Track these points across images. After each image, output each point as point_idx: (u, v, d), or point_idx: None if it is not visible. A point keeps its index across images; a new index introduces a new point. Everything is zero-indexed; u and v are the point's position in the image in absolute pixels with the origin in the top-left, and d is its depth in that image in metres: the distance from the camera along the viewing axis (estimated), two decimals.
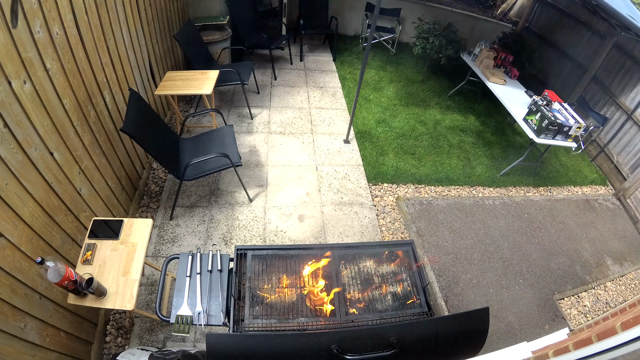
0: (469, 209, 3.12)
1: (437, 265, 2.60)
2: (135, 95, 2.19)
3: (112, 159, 2.18)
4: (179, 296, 1.43)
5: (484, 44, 4.27)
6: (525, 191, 3.52)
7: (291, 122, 3.67)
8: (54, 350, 1.50)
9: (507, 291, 2.57)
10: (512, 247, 2.88)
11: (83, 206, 1.84)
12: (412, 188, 3.24)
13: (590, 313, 2.61)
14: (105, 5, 2.03)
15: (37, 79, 1.44)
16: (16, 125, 1.32)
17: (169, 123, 3.35)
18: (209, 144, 2.60)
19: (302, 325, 1.36)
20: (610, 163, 3.99)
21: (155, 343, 1.95)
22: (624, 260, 3.06)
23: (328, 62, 4.90)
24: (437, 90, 4.70)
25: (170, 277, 1.96)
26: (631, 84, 3.79)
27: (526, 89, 3.92)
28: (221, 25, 3.91)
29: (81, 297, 1.48)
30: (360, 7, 5.34)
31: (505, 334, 2.33)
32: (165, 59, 3.26)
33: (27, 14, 1.35)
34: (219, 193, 2.82)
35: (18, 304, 1.31)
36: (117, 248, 1.65)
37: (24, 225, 1.38)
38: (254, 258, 1.51)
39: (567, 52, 4.69)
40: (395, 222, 2.88)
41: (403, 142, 3.70)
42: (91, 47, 1.89)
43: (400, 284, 1.53)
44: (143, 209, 2.62)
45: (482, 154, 3.78)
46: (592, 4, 3.58)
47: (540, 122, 3.16)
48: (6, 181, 1.28)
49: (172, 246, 2.41)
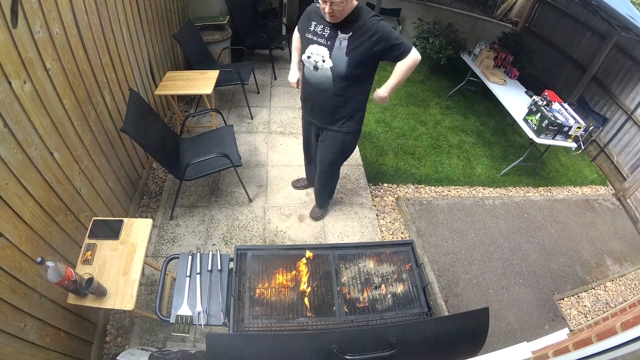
0: (469, 209, 3.12)
1: (436, 265, 2.60)
2: (135, 95, 2.19)
3: (112, 159, 2.18)
4: (179, 296, 1.43)
5: (484, 44, 4.27)
6: (525, 191, 3.52)
7: (291, 122, 3.67)
8: (54, 350, 1.50)
9: (507, 291, 2.57)
10: (512, 247, 2.88)
11: (83, 206, 1.84)
12: (412, 188, 3.24)
13: (590, 313, 2.61)
14: (105, 5, 2.03)
15: (37, 79, 1.44)
16: (16, 125, 1.32)
17: (169, 123, 3.35)
18: (209, 144, 2.60)
19: (302, 325, 1.36)
20: (610, 163, 3.99)
21: (155, 343, 1.95)
22: (624, 261, 3.07)
23: None
24: (437, 90, 4.70)
25: (170, 277, 1.96)
26: (631, 84, 3.79)
27: (526, 89, 3.91)
28: (221, 25, 3.91)
29: (81, 297, 1.48)
30: None
31: (505, 334, 2.33)
32: (165, 59, 3.26)
33: (27, 14, 1.35)
34: (219, 193, 2.82)
35: (18, 304, 1.31)
36: (117, 248, 1.65)
37: (24, 225, 1.38)
38: (254, 258, 1.51)
39: (567, 52, 4.69)
40: (395, 222, 2.88)
41: (403, 142, 3.70)
42: (91, 47, 1.89)
43: (400, 284, 1.53)
44: (143, 209, 2.62)
45: (482, 154, 3.78)
46: (592, 4, 3.58)
47: (540, 122, 3.16)
48: (6, 181, 1.28)
49: (172, 246, 2.41)
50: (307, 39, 1.79)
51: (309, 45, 1.78)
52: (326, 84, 1.84)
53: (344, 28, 1.68)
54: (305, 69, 1.92)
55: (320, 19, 1.73)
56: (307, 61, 1.83)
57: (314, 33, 1.76)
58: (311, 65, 1.82)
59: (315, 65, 1.80)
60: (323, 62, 1.77)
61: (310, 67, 1.84)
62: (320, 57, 1.76)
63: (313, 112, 2.08)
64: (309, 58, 1.80)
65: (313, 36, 1.76)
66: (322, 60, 1.76)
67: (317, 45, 1.76)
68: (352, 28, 1.67)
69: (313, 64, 1.80)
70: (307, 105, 2.09)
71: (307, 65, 1.85)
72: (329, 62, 1.76)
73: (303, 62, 1.90)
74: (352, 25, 1.66)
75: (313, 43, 1.76)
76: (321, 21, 1.73)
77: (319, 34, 1.74)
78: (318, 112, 2.05)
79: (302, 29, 1.84)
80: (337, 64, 1.74)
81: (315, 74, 1.84)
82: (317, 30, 1.75)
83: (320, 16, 1.72)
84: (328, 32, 1.71)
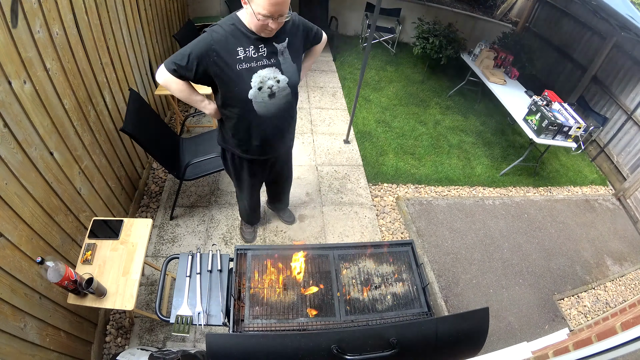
0: (469, 209, 3.12)
1: (436, 265, 2.60)
2: (135, 95, 2.19)
3: (112, 159, 2.18)
4: (179, 296, 1.43)
5: (484, 44, 4.27)
6: (525, 191, 3.52)
7: None
8: (54, 350, 1.50)
9: (507, 291, 2.57)
10: (512, 247, 2.88)
11: (83, 206, 1.84)
12: (412, 188, 3.24)
13: (590, 313, 2.61)
14: (105, 5, 2.03)
15: (37, 79, 1.44)
16: (16, 125, 1.32)
17: (169, 123, 3.35)
18: (209, 143, 2.59)
19: (302, 325, 1.36)
20: (610, 163, 3.99)
21: (155, 343, 1.95)
22: (624, 261, 3.07)
23: (328, 62, 4.90)
24: (437, 90, 4.70)
25: (170, 277, 1.96)
26: (631, 84, 3.79)
27: (526, 89, 3.92)
28: None
29: (81, 297, 1.49)
30: (360, 7, 5.34)
31: (505, 334, 2.33)
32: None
33: (27, 13, 1.35)
34: (219, 193, 2.82)
35: (18, 304, 1.31)
36: (117, 248, 1.65)
37: (24, 225, 1.38)
38: (254, 258, 1.51)
39: (567, 52, 4.69)
40: (395, 222, 2.88)
41: (403, 142, 3.70)
42: (91, 47, 1.89)
43: (400, 284, 1.53)
44: (143, 209, 2.62)
45: (482, 154, 3.78)
46: (592, 4, 3.58)
47: (540, 122, 3.16)
48: (6, 181, 1.28)
49: (172, 246, 2.41)
50: (245, 69, 1.42)
51: (253, 74, 1.44)
52: (287, 103, 1.60)
53: (277, 37, 1.45)
54: (246, 109, 1.53)
55: (246, 41, 1.41)
56: (258, 94, 1.48)
57: (249, 59, 1.42)
58: (265, 94, 1.50)
59: (271, 91, 1.50)
60: (278, 82, 1.50)
61: (263, 98, 1.51)
62: (273, 80, 1.49)
63: (270, 148, 1.77)
64: (260, 90, 1.47)
65: (250, 63, 1.43)
66: (277, 81, 1.50)
67: (263, 70, 1.46)
68: (284, 32, 1.47)
69: (268, 92, 1.50)
70: (262, 146, 1.71)
71: (258, 99, 1.50)
72: (283, 80, 1.51)
73: (243, 102, 1.50)
74: (282, 29, 1.44)
75: (256, 70, 1.44)
76: (249, 42, 1.41)
77: (255, 57, 1.43)
78: (278, 142, 1.77)
79: (222, 65, 1.40)
80: (290, 76, 1.52)
81: (272, 101, 1.54)
82: (251, 55, 1.42)
83: (244, 38, 1.40)
84: (266, 50, 1.44)
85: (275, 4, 1.26)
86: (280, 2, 1.27)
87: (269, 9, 1.27)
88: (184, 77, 1.48)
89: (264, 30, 1.37)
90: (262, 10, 1.27)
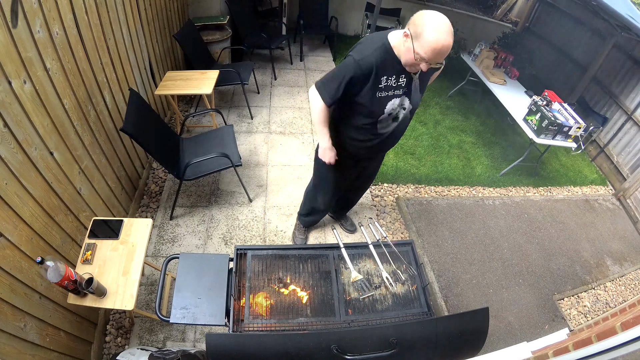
0: (469, 209, 3.12)
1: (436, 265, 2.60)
2: (135, 95, 2.19)
3: (112, 158, 2.18)
4: (179, 296, 1.43)
5: (484, 44, 4.27)
6: (525, 191, 3.52)
7: (291, 122, 3.67)
8: (54, 350, 1.50)
9: (507, 291, 2.57)
10: (512, 247, 2.88)
11: (83, 206, 1.84)
12: (412, 188, 3.24)
13: (590, 313, 2.61)
14: (105, 5, 2.03)
15: (37, 79, 1.44)
16: (16, 125, 1.32)
17: (169, 123, 3.35)
18: (209, 143, 2.60)
19: (302, 325, 1.36)
20: (610, 163, 3.99)
21: (155, 343, 1.95)
22: (624, 261, 3.07)
23: (328, 62, 4.90)
24: (437, 90, 4.70)
25: (170, 277, 1.96)
26: (631, 84, 3.79)
27: (526, 89, 3.92)
28: (221, 25, 3.91)
29: (81, 297, 1.49)
30: (360, 7, 5.34)
31: (505, 334, 2.33)
32: (165, 59, 3.26)
33: (27, 13, 1.35)
34: (219, 193, 2.82)
35: (18, 303, 1.31)
36: (117, 248, 1.65)
37: (24, 225, 1.38)
38: (254, 258, 1.51)
39: (567, 52, 4.69)
40: (395, 222, 2.88)
41: (403, 142, 3.70)
42: (91, 47, 1.89)
43: (400, 284, 1.53)
44: (143, 209, 2.62)
45: (482, 154, 3.78)
46: (592, 4, 3.58)
47: (540, 122, 3.16)
48: (6, 181, 1.28)
49: (172, 246, 2.41)
50: (381, 97, 1.49)
51: (388, 102, 1.51)
52: (405, 122, 1.69)
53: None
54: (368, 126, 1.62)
55: (391, 70, 1.44)
56: (385, 117, 1.57)
57: (388, 88, 1.48)
58: (390, 119, 1.59)
59: (396, 116, 1.59)
60: (403, 109, 1.59)
61: (387, 121, 1.60)
62: (400, 108, 1.57)
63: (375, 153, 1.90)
64: (389, 115, 1.56)
65: (387, 92, 1.49)
66: (403, 109, 1.58)
67: (396, 99, 1.52)
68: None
69: (393, 117, 1.59)
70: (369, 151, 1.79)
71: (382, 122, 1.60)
72: (408, 107, 1.59)
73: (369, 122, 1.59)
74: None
75: (392, 98, 1.51)
76: (393, 71, 1.45)
77: (394, 86, 1.49)
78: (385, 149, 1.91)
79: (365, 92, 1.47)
80: (415, 103, 1.59)
81: (394, 124, 1.63)
82: (391, 84, 1.47)
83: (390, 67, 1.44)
84: (405, 80, 1.48)
85: (439, 54, 1.27)
86: (444, 53, 1.27)
87: (430, 56, 1.28)
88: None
89: (413, 68, 1.39)
90: (423, 53, 1.28)
